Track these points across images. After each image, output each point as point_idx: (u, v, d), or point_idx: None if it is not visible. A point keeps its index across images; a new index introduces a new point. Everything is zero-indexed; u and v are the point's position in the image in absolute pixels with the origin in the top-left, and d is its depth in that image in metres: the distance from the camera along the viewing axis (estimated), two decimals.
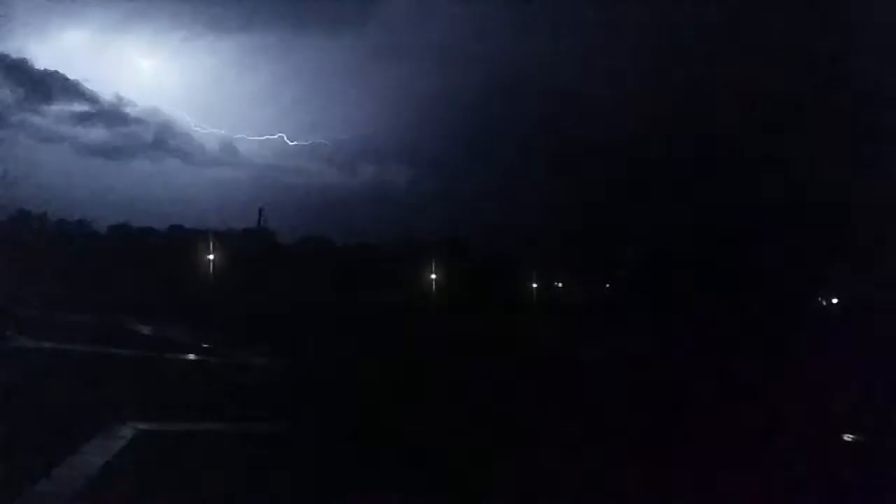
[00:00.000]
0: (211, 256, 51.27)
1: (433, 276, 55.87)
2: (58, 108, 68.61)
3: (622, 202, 71.21)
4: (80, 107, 69.35)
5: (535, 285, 63.15)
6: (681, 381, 20.33)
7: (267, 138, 78.36)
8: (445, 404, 15.30)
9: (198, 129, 74.54)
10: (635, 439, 12.27)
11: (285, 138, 73.70)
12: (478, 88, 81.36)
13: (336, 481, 9.25)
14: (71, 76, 68.04)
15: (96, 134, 73.46)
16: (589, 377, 20.60)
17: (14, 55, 64.20)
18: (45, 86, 66.92)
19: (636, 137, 74.53)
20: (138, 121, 71.60)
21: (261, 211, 47.85)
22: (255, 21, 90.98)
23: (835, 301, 58.43)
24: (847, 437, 14.01)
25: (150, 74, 71.17)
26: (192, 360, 21.26)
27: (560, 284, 67.64)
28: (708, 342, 30.01)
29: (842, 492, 9.94)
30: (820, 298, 59.64)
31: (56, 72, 66.88)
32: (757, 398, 17.47)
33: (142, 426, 11.05)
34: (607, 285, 67.96)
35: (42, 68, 66.27)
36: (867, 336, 30.65)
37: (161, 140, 73.26)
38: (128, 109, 70.91)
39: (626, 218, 68.38)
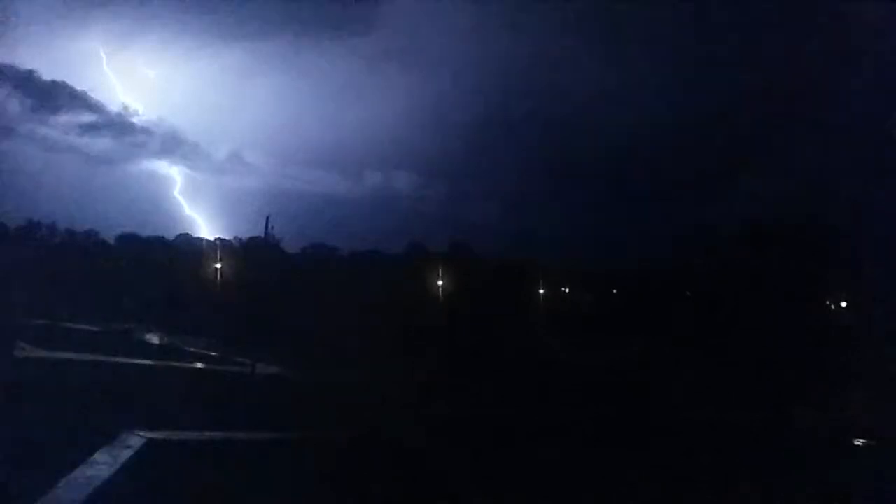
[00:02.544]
0: (218, 265, 51.50)
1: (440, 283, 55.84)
2: (65, 118, 68.57)
3: (626, 205, 71.16)
4: (87, 117, 69.30)
5: (542, 291, 62.93)
6: None
7: (273, 145, 78.72)
8: None
9: (204, 137, 74.72)
10: None
11: (291, 146, 73.94)
12: (482, 92, 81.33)
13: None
14: (78, 87, 68.07)
15: (103, 144, 73.56)
16: None
17: (21, 67, 64.84)
18: (52, 96, 67.00)
19: (642, 139, 74.54)
20: (145, 130, 71.71)
21: (267, 219, 47.99)
22: (260, 28, 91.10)
23: (843, 304, 57.91)
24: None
25: (157, 84, 71.32)
26: (201, 370, 21.33)
27: (567, 290, 67.34)
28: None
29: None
30: (828, 302, 59.18)
31: (63, 82, 66.95)
32: None
33: (150, 435, 11.02)
34: (614, 291, 67.63)
35: (49, 79, 66.38)
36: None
37: (168, 149, 73.56)
38: (134, 119, 70.92)
39: (631, 221, 68.37)
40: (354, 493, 9.12)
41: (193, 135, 74.49)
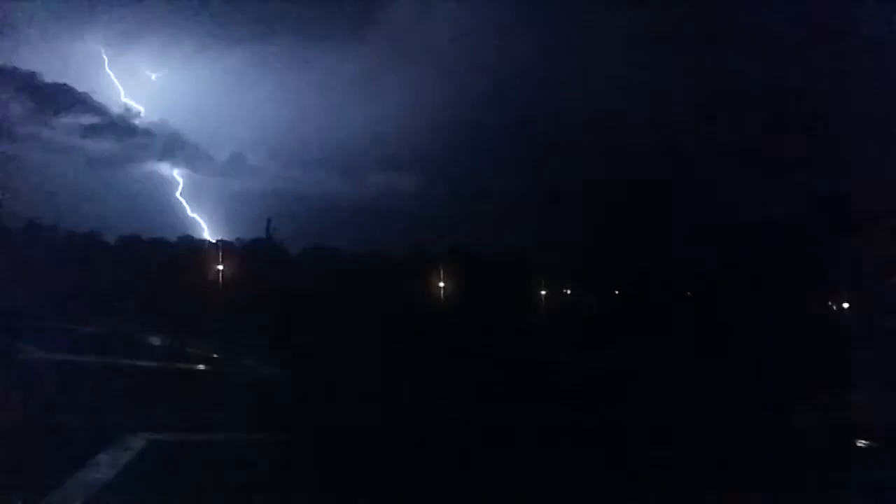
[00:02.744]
0: (220, 267, 51.71)
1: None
2: (67, 120, 68.84)
3: (628, 207, 71.22)
4: (88, 119, 69.49)
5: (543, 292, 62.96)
6: None
7: (274, 147, 78.83)
8: None
9: (206, 139, 74.80)
10: None
11: (293, 148, 74.07)
12: (483, 94, 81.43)
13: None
14: (80, 89, 68.28)
15: (105, 146, 73.67)
16: None
17: (23, 68, 64.99)
18: (54, 98, 67.28)
19: (644, 140, 74.63)
20: (147, 132, 71.83)
21: (269, 221, 48.19)
22: (261, 31, 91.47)
23: (846, 305, 57.77)
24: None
25: (159, 86, 71.41)
26: (202, 371, 21.38)
27: (568, 291, 67.32)
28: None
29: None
30: (830, 303, 59.06)
31: (65, 84, 67.26)
32: None
33: (152, 436, 11.04)
34: (616, 292, 67.58)
35: (51, 81, 66.66)
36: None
37: (169, 151, 73.45)
38: (136, 121, 71.04)
39: (632, 221, 68.47)
40: (354, 493, 9.15)
41: (195, 137, 74.62)
